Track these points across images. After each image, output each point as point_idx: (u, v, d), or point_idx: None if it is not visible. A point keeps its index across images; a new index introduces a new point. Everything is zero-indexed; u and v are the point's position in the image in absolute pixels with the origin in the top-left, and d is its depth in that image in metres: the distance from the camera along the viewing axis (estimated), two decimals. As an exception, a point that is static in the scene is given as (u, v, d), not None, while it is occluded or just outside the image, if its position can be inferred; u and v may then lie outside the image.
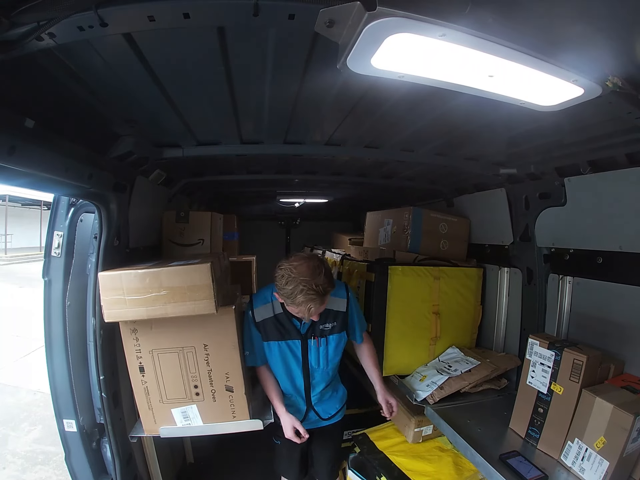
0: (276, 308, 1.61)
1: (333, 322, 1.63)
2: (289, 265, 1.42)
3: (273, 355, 1.64)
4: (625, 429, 1.16)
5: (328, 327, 1.63)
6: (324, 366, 1.66)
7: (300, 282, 1.37)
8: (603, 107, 0.96)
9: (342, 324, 1.66)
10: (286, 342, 1.62)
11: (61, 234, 1.57)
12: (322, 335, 1.62)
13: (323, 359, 1.65)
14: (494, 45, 0.67)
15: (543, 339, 1.47)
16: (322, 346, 1.63)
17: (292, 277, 1.39)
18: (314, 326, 1.61)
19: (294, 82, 1.01)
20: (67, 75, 0.90)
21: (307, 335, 1.62)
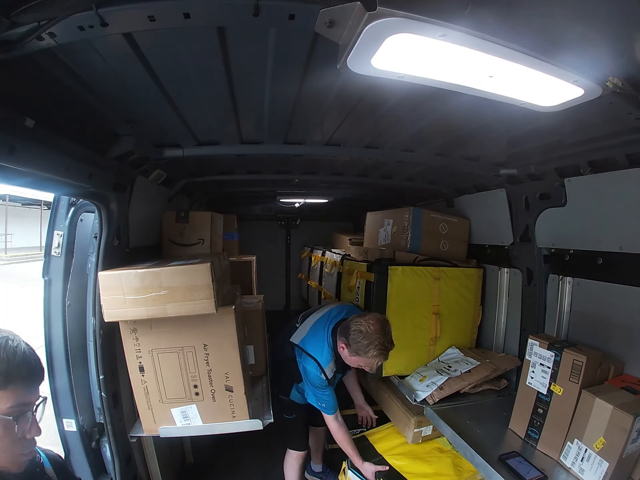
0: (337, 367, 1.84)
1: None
2: (366, 323, 1.65)
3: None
4: (624, 430, 1.16)
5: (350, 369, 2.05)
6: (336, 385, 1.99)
7: (376, 339, 1.62)
8: (603, 108, 0.96)
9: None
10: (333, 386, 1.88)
11: (61, 233, 1.57)
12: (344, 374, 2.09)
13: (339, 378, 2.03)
14: (494, 45, 0.66)
15: (543, 340, 1.47)
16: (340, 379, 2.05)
17: (369, 334, 1.62)
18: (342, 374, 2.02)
19: (294, 82, 1.01)
20: (68, 75, 0.90)
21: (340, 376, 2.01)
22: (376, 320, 1.67)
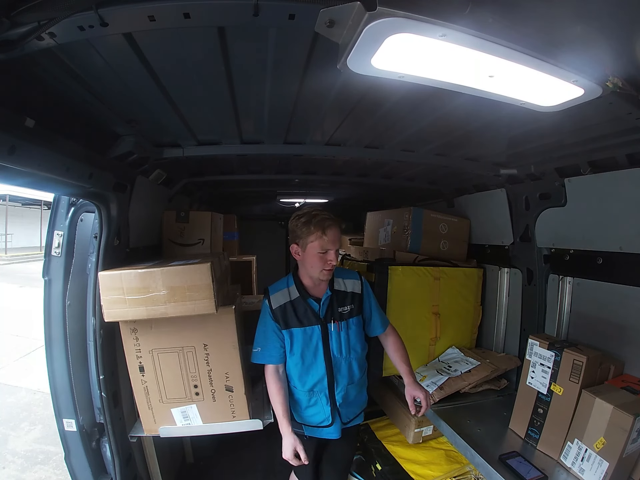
0: (292, 293, 1.54)
1: (350, 304, 1.58)
2: (299, 211, 1.52)
3: (294, 344, 1.53)
4: (625, 430, 1.16)
5: (347, 309, 1.57)
6: (346, 354, 1.55)
7: (312, 210, 1.47)
8: (603, 108, 0.96)
9: (359, 307, 1.61)
10: (304, 330, 1.52)
11: (61, 233, 1.57)
12: (342, 318, 1.55)
13: (345, 345, 1.55)
14: (494, 45, 0.67)
15: (543, 340, 1.47)
16: (342, 331, 1.54)
17: (303, 212, 1.48)
18: (332, 309, 1.54)
19: (294, 82, 1.01)
20: (68, 75, 0.90)
21: (326, 319, 1.53)
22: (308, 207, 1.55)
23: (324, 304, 1.53)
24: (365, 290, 1.62)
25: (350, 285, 1.60)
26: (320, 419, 1.56)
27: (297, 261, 1.55)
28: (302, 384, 1.55)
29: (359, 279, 1.63)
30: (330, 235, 1.43)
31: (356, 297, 1.60)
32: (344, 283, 1.59)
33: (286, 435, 1.43)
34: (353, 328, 1.58)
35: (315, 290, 1.55)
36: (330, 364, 1.54)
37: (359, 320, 1.61)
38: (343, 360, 1.55)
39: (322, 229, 1.41)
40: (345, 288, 1.59)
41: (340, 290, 1.57)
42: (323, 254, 1.43)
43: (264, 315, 1.55)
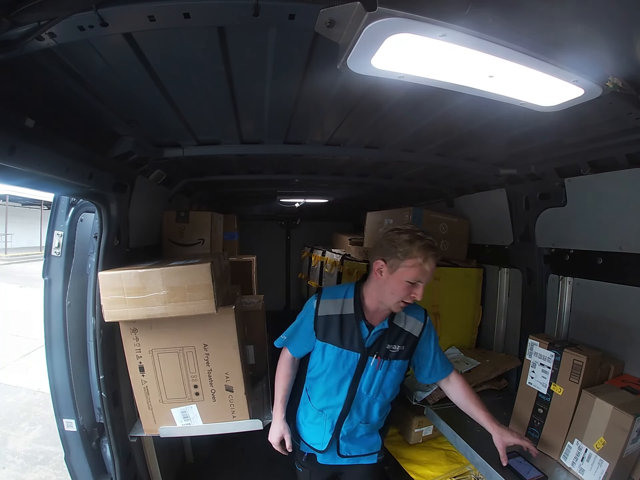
0: (346, 307, 1.38)
1: (402, 346, 1.39)
2: (399, 225, 1.32)
3: (324, 361, 1.40)
4: (625, 430, 1.16)
5: (395, 349, 1.38)
6: (374, 395, 1.40)
7: (417, 230, 1.26)
8: (603, 108, 0.96)
9: (410, 351, 1.42)
10: (341, 352, 1.37)
11: (61, 233, 1.57)
12: (387, 357, 1.38)
13: (376, 385, 1.39)
14: (494, 45, 0.66)
15: (543, 340, 1.47)
16: (381, 370, 1.38)
17: (405, 229, 1.27)
18: (381, 343, 1.37)
19: (294, 82, 1.01)
20: (68, 75, 0.90)
21: (369, 351, 1.37)
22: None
23: (374, 334, 1.36)
24: (425, 334, 1.43)
25: (411, 325, 1.41)
26: (315, 440, 1.46)
27: (368, 277, 1.38)
28: (316, 401, 1.45)
29: (422, 320, 1.43)
30: (430, 266, 1.23)
31: (410, 340, 1.41)
32: (405, 319, 1.40)
33: (277, 421, 1.46)
34: (393, 371, 1.40)
35: (373, 315, 1.38)
36: (352, 397, 1.40)
37: (403, 366, 1.43)
38: (367, 399, 1.41)
39: (424, 256, 1.21)
40: (404, 325, 1.40)
41: (397, 326, 1.39)
42: (412, 284, 1.25)
43: (305, 316, 1.43)
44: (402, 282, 1.25)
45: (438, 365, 1.45)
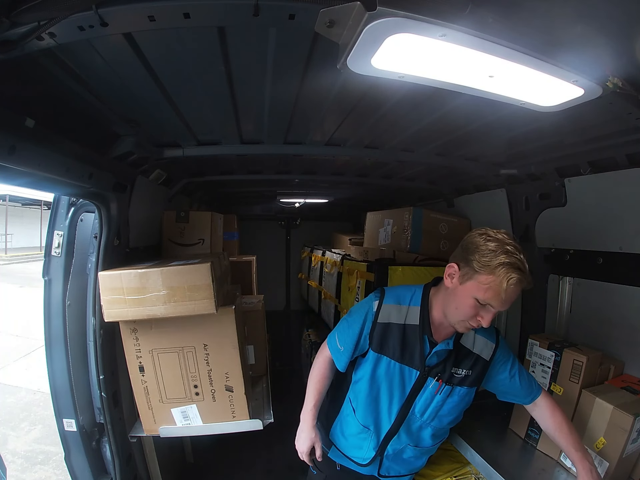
0: (411, 316, 1.21)
1: (468, 370, 1.22)
2: (490, 230, 1.07)
3: (376, 374, 1.24)
4: (625, 430, 1.16)
5: (461, 374, 1.22)
6: (428, 420, 1.25)
7: (507, 243, 1.02)
8: (603, 108, 0.96)
9: (478, 377, 1.24)
10: (401, 367, 1.21)
11: (61, 233, 1.57)
12: (450, 382, 1.21)
13: (433, 410, 1.24)
14: (494, 45, 0.67)
15: (543, 340, 1.47)
16: (440, 395, 1.22)
17: (495, 237, 1.04)
18: (445, 364, 1.20)
19: (294, 82, 1.01)
20: (68, 75, 0.90)
21: (430, 371, 1.20)
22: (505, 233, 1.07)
23: (435, 353, 1.19)
24: (498, 357, 1.25)
25: (480, 346, 1.23)
26: (357, 454, 1.32)
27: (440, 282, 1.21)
28: (361, 415, 1.29)
29: (494, 341, 1.24)
30: (508, 292, 1.01)
31: (479, 364, 1.23)
32: (474, 340, 1.23)
33: (308, 428, 1.28)
34: (455, 398, 1.24)
35: (437, 328, 1.21)
36: (403, 418, 1.25)
37: (468, 393, 1.25)
38: (419, 422, 1.26)
39: (506, 277, 0.99)
40: (472, 346, 1.23)
41: (464, 347, 1.22)
42: (481, 305, 1.05)
43: (362, 316, 1.24)
44: (470, 299, 1.05)
45: (518, 389, 1.26)
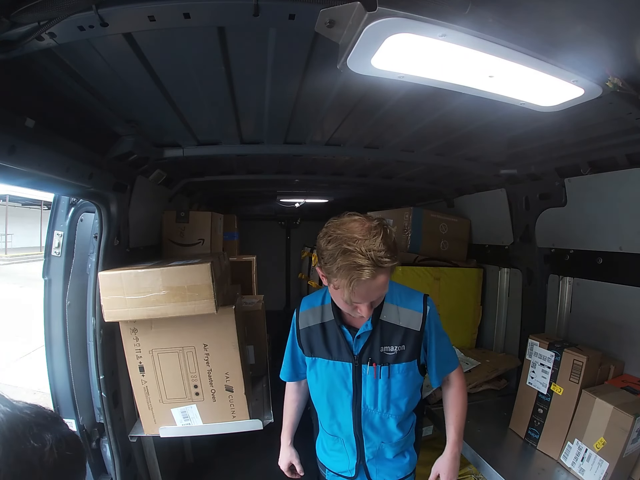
0: (326, 314, 1.20)
1: (400, 346, 1.14)
2: (337, 221, 1.00)
3: (319, 379, 1.23)
4: (625, 430, 1.16)
5: (392, 351, 1.14)
6: (383, 408, 1.18)
7: (345, 241, 0.93)
8: (603, 108, 0.96)
9: (414, 350, 1.16)
10: (334, 363, 1.18)
11: (61, 233, 1.57)
12: (383, 362, 1.14)
13: (382, 397, 1.17)
14: (494, 45, 0.67)
15: (543, 340, 1.47)
16: (381, 378, 1.15)
17: (335, 235, 0.96)
18: (371, 346, 1.14)
19: (294, 82, 1.01)
20: (68, 75, 0.90)
21: (361, 358, 1.15)
22: (355, 217, 1.00)
23: (358, 339, 1.15)
24: (428, 327, 1.16)
25: (406, 318, 1.15)
26: (342, 467, 1.29)
27: None
28: (326, 425, 1.28)
29: (421, 310, 1.15)
30: (363, 289, 0.95)
31: (411, 336, 1.15)
32: (398, 312, 1.14)
33: (284, 447, 1.39)
34: (398, 377, 1.16)
35: (353, 318, 1.14)
36: (359, 415, 1.19)
37: (409, 368, 1.17)
38: (377, 414, 1.19)
39: (349, 280, 0.93)
40: (398, 320, 1.14)
41: (388, 323, 1.14)
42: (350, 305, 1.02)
43: (291, 332, 1.29)
44: (338, 298, 1.02)
45: (433, 366, 1.20)
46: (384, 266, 0.94)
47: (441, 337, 1.21)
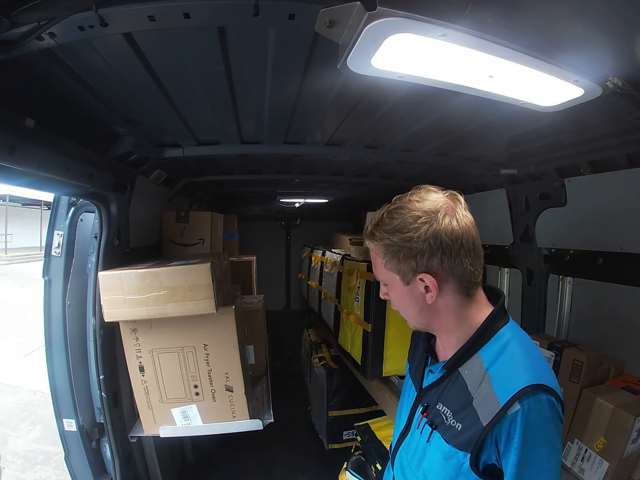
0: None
1: (456, 422, 0.76)
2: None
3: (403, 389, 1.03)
4: (625, 430, 1.16)
5: (445, 414, 0.80)
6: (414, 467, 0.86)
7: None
8: (603, 108, 0.96)
9: (468, 440, 0.73)
10: (407, 379, 1.00)
11: (61, 233, 1.57)
12: (432, 420, 0.82)
13: (417, 456, 0.85)
14: (494, 45, 0.66)
15: (543, 340, 1.47)
16: (422, 433, 0.85)
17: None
18: (434, 394, 0.85)
19: (294, 82, 1.01)
20: (68, 75, 0.90)
21: (424, 396, 0.88)
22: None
23: (429, 375, 0.89)
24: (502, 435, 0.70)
25: (482, 395, 0.73)
26: None
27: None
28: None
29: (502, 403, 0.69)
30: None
31: (471, 419, 0.74)
32: (482, 379, 0.75)
33: None
34: (433, 452, 0.81)
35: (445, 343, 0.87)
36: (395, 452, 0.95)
37: (451, 456, 0.76)
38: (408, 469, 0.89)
39: None
40: (474, 388, 0.75)
41: (463, 382, 0.78)
42: None
43: None
44: None
45: None
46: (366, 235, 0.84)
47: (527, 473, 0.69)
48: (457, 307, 0.80)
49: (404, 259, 0.78)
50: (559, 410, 0.72)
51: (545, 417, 0.69)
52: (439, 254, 0.76)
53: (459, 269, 0.78)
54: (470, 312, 0.81)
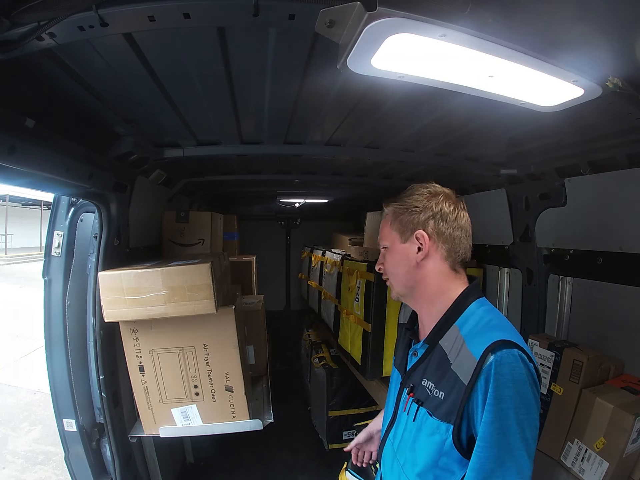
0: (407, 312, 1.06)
1: (439, 391, 0.80)
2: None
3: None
4: (625, 430, 1.16)
5: (429, 389, 0.83)
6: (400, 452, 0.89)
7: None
8: (603, 108, 0.96)
9: (452, 410, 0.76)
10: (394, 369, 1.04)
11: (61, 233, 1.57)
12: (418, 397, 0.85)
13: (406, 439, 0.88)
14: (494, 45, 0.66)
15: (543, 340, 1.47)
16: (408, 414, 0.88)
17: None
18: (420, 370, 0.88)
19: (294, 82, 1.01)
20: (68, 75, 0.90)
21: (408, 378, 0.92)
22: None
23: (412, 358, 0.92)
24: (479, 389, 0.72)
25: (461, 359, 0.77)
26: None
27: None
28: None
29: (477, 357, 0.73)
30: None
31: (456, 387, 0.76)
32: (461, 346, 0.79)
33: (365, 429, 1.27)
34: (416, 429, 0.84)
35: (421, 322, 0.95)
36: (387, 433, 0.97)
37: (434, 431, 0.79)
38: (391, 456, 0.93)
39: None
40: (454, 356, 0.80)
41: (444, 352, 0.82)
42: None
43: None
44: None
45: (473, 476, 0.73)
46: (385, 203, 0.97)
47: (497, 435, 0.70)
48: (441, 276, 0.89)
49: (408, 215, 0.90)
50: (533, 373, 0.74)
51: (520, 374, 0.72)
52: (437, 217, 0.88)
53: (450, 239, 0.89)
54: (451, 285, 0.89)
